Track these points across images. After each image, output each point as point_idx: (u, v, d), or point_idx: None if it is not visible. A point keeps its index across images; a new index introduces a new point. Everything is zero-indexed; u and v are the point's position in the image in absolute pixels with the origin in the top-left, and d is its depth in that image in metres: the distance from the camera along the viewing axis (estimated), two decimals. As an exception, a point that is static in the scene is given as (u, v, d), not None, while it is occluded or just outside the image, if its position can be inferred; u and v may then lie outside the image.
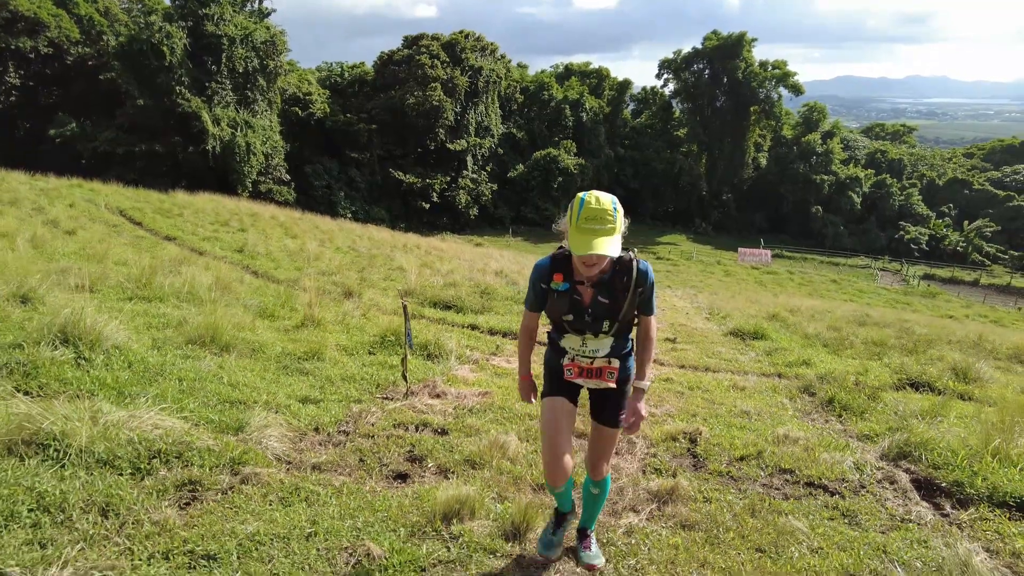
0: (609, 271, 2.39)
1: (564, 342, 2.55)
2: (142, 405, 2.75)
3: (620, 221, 2.26)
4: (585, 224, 2.19)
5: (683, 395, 4.70)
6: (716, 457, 3.23)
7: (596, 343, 2.48)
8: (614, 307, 2.40)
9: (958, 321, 23.98)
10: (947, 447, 3.17)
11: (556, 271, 2.43)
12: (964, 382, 5.57)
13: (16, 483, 2.15)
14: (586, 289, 2.41)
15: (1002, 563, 2.32)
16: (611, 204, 2.24)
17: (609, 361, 2.49)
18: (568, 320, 2.45)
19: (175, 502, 2.34)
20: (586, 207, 2.20)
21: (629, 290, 2.37)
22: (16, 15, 41.53)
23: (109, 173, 33.63)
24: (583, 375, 2.51)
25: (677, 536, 2.46)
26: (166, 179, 36.34)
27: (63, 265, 7.39)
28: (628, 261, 2.41)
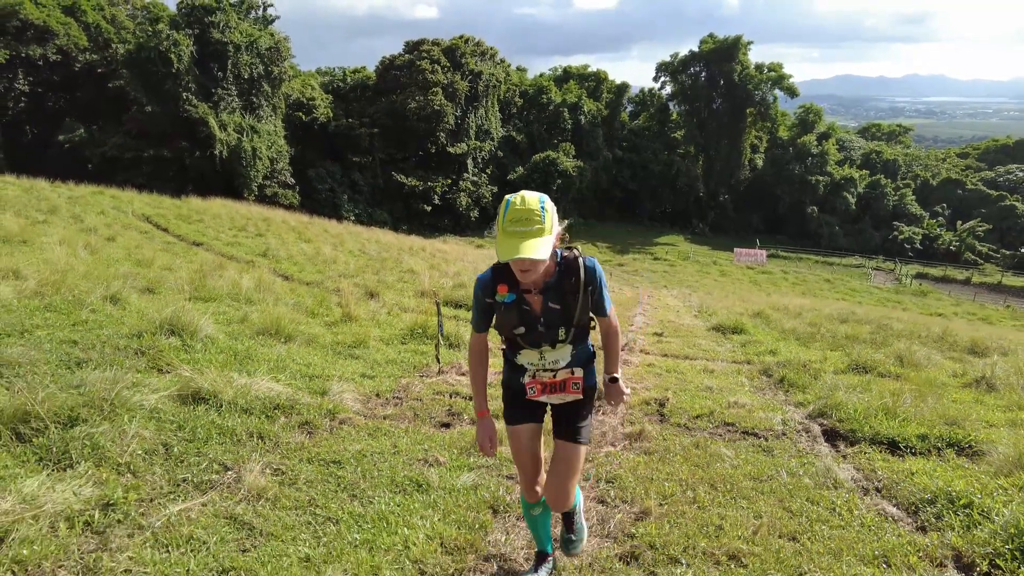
0: (555, 274, 2.22)
1: (521, 358, 2.37)
2: (254, 376, 3.77)
3: (550, 221, 2.08)
4: (511, 227, 2.03)
5: (660, 376, 5.70)
6: (677, 415, 4.21)
7: (555, 354, 2.31)
8: (567, 312, 2.23)
9: (946, 319, 24.83)
10: (852, 407, 4.15)
11: (499, 282, 2.24)
12: (902, 366, 6.56)
13: (203, 420, 3.17)
14: (534, 297, 2.22)
15: (862, 476, 3.31)
16: (538, 203, 2.07)
17: (572, 371, 2.34)
18: (520, 334, 2.27)
19: (302, 434, 3.35)
20: (511, 209, 2.05)
21: (579, 291, 2.21)
22: (26, 23, 42.41)
23: (116, 178, 34.49)
24: (547, 391, 2.35)
25: (640, 457, 3.44)
26: (172, 183, 37.19)
27: (123, 270, 8.39)
28: (573, 260, 2.24)
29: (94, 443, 2.60)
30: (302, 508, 2.54)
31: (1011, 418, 4.39)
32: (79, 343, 4.42)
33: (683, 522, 2.66)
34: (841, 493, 3.03)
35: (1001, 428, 3.97)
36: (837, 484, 3.13)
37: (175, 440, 2.88)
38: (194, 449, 2.86)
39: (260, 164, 44.15)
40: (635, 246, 50.02)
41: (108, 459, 2.56)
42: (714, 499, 2.91)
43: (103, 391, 2.94)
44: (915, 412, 4.11)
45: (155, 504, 2.39)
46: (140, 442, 2.70)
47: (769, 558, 2.38)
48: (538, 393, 2.36)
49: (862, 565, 2.36)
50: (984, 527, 2.54)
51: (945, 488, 2.91)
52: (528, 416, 2.43)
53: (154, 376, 3.74)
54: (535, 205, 2.07)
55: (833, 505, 2.89)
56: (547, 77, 63.62)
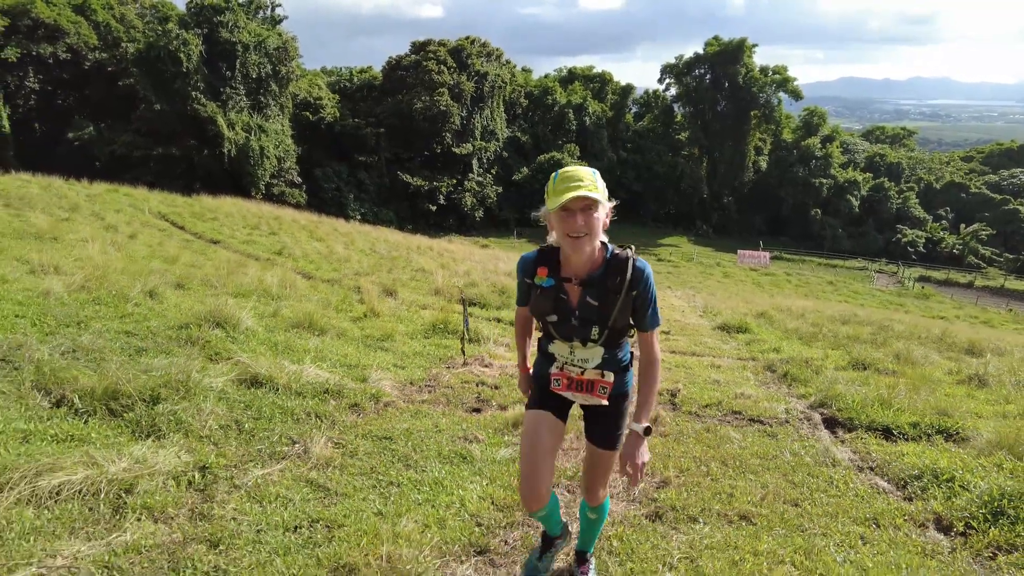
0: (601, 267, 2.12)
1: (552, 348, 2.29)
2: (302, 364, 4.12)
3: (604, 189, 2.03)
4: (562, 184, 2.00)
5: (670, 370, 6.03)
6: (688, 404, 4.54)
7: (585, 352, 2.21)
8: (604, 311, 2.11)
9: (948, 321, 25.06)
10: (851, 399, 4.47)
11: (541, 264, 2.19)
12: (900, 364, 6.88)
13: (265, 401, 3.52)
14: (573, 288, 2.14)
15: (858, 457, 3.64)
16: (590, 172, 2.04)
17: (602, 374, 2.22)
18: (552, 322, 2.20)
19: (352, 414, 3.69)
20: (561, 174, 2.04)
21: (621, 292, 2.08)
22: (37, 22, 42.86)
23: (125, 175, 34.89)
24: (572, 387, 2.25)
25: (657, 439, 3.77)
26: (180, 181, 37.57)
27: (153, 267, 8.76)
28: (624, 259, 2.12)
29: (178, 418, 2.95)
30: (365, 474, 2.89)
31: (998, 410, 4.71)
32: (133, 333, 4.77)
33: (699, 490, 3.00)
34: (838, 470, 3.37)
35: (988, 419, 4.30)
36: (835, 463, 3.47)
37: (244, 418, 3.24)
38: (262, 425, 3.22)
39: (268, 163, 44.58)
40: (639, 247, 49.51)
41: (192, 432, 2.90)
42: (725, 473, 3.25)
43: (178, 374, 3.28)
44: (909, 403, 4.44)
45: (240, 469, 2.74)
46: (216, 418, 3.05)
47: (775, 518, 2.72)
48: (563, 387, 2.27)
49: (855, 525, 2.70)
50: (963, 496, 2.87)
51: (931, 466, 3.24)
52: (550, 405, 2.31)
53: (208, 363, 4.09)
54: (587, 172, 2.02)
55: (831, 479, 3.23)
56: (552, 78, 63.96)
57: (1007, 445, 3.41)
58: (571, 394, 2.29)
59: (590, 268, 2.13)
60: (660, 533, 2.62)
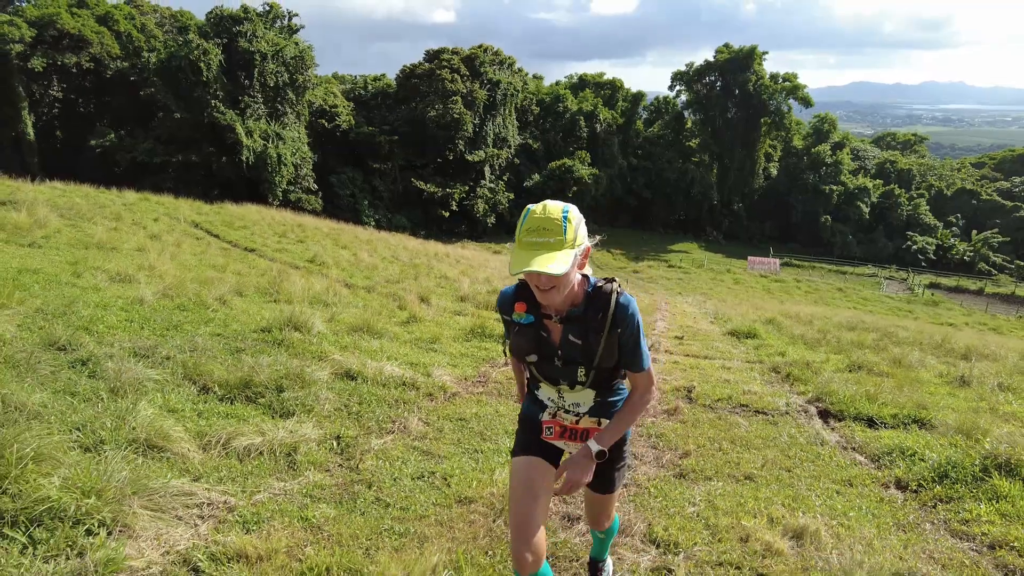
0: (582, 303, 1.99)
1: (541, 392, 2.18)
2: (379, 362, 4.92)
3: (573, 234, 1.85)
4: (527, 237, 1.84)
5: (685, 371, 6.78)
6: (702, 399, 5.28)
7: (574, 396, 2.10)
8: (588, 350, 1.98)
9: (956, 328, 25.54)
10: (843, 394, 5.22)
11: (519, 299, 2.04)
12: (895, 367, 7.59)
13: (361, 390, 4.33)
14: (555, 325, 2.01)
15: (843, 439, 4.38)
16: (560, 212, 1.86)
17: (599, 422, 2.11)
18: (534, 363, 2.08)
19: (429, 401, 4.49)
20: (529, 217, 1.86)
21: (604, 330, 1.96)
22: (63, 33, 44.11)
23: (145, 182, 35.80)
24: (566, 436, 2.14)
25: (677, 424, 4.52)
26: (199, 188, 38.54)
27: (208, 275, 9.60)
28: (606, 293, 1.98)
29: (302, 403, 3.74)
30: (455, 444, 3.67)
31: (972, 406, 5.43)
32: (223, 335, 5.58)
33: (713, 459, 3.75)
34: (826, 448, 4.11)
35: (962, 412, 5.02)
36: (824, 443, 4.22)
37: (351, 402, 4.03)
38: (366, 408, 4.00)
39: (285, 170, 45.63)
40: (649, 253, 51.00)
41: (314, 412, 3.69)
42: (733, 448, 4.01)
43: (294, 369, 4.08)
44: (892, 399, 5.17)
45: (363, 439, 3.52)
46: (330, 403, 3.84)
47: (771, 479, 3.47)
48: (556, 436, 2.14)
49: (833, 484, 3.45)
50: (920, 465, 3.62)
51: (900, 445, 3.98)
52: (538, 450, 2.16)
53: (313, 361, 4.89)
54: (556, 214, 1.84)
55: (819, 454, 3.98)
56: (563, 85, 64.84)
57: (964, 430, 4.15)
58: (564, 443, 2.16)
59: (571, 303, 1.99)
60: (684, 486, 3.39)
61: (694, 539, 2.79)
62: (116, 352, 4.03)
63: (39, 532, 2.04)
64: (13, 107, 43.37)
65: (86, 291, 6.78)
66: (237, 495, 2.70)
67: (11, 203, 13.40)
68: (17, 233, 10.04)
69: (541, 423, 2.18)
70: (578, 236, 1.88)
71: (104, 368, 3.68)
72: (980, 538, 2.87)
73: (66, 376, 3.52)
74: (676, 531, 2.81)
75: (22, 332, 4.32)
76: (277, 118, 46.89)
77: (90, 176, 29.45)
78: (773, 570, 2.54)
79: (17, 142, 43.75)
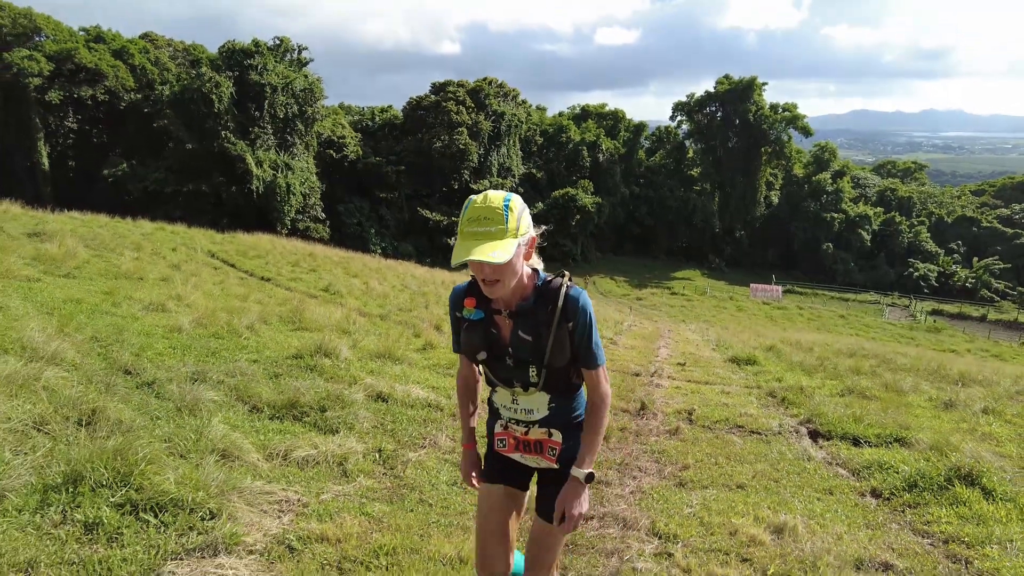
0: (531, 297, 1.94)
1: (496, 398, 2.14)
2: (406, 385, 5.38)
3: (516, 223, 1.81)
4: (467, 227, 1.80)
5: (687, 395, 7.21)
6: (702, 420, 5.71)
7: (528, 400, 2.03)
8: (538, 347, 1.93)
9: (958, 355, 25.78)
10: (832, 416, 5.65)
11: (470, 295, 2.00)
12: (886, 391, 8.01)
13: (393, 410, 4.79)
14: (504, 321, 1.97)
15: (830, 456, 4.81)
16: (501, 202, 1.81)
17: (549, 432, 2.04)
18: (485, 361, 2.02)
19: (452, 420, 4.93)
20: (470, 207, 1.82)
21: (553, 324, 1.91)
22: (79, 67, 45.45)
23: (156, 211, 36.56)
24: (520, 448, 2.08)
25: (678, 442, 4.96)
26: (208, 216, 39.23)
27: (233, 305, 10.10)
28: (555, 287, 1.94)
29: (344, 421, 4.19)
30: (481, 459, 4.13)
31: (953, 427, 5.85)
32: (258, 361, 6.05)
33: (709, 472, 4.19)
34: (812, 463, 4.54)
35: (939, 432, 5.44)
36: (810, 459, 4.65)
37: (385, 421, 4.48)
38: (399, 426, 4.46)
39: (294, 199, 46.51)
40: (652, 280, 51.50)
41: (355, 429, 4.15)
42: (728, 463, 4.44)
43: (334, 391, 4.55)
44: (877, 420, 5.60)
45: (400, 452, 3.97)
46: (368, 421, 4.29)
47: (760, 487, 3.90)
48: (510, 448, 2.10)
49: (815, 492, 3.88)
50: (894, 477, 4.05)
51: (879, 460, 4.41)
52: (505, 475, 2.13)
53: (331, 384, 5.36)
54: (498, 203, 1.80)
55: (804, 468, 4.41)
56: (566, 116, 66.09)
57: (937, 447, 4.57)
58: (520, 456, 2.11)
59: (520, 297, 1.95)
60: (683, 492, 3.82)
61: (690, 532, 3.23)
62: (174, 376, 4.50)
63: (165, 517, 2.50)
64: (29, 138, 44.53)
65: (127, 319, 7.28)
66: (307, 495, 3.15)
67: (41, 234, 13.96)
68: (53, 264, 10.57)
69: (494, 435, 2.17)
70: (521, 225, 1.84)
71: (168, 390, 4.15)
72: (938, 535, 3.29)
73: (138, 397, 3.99)
74: (675, 526, 3.25)
75: (87, 358, 4.80)
76: (286, 148, 47.93)
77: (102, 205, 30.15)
78: (755, 555, 2.99)
79: (32, 171, 44.81)
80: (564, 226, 54.31)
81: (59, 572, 2.10)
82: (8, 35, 42.99)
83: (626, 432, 5.24)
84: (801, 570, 2.82)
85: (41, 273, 9.59)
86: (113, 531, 2.36)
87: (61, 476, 2.53)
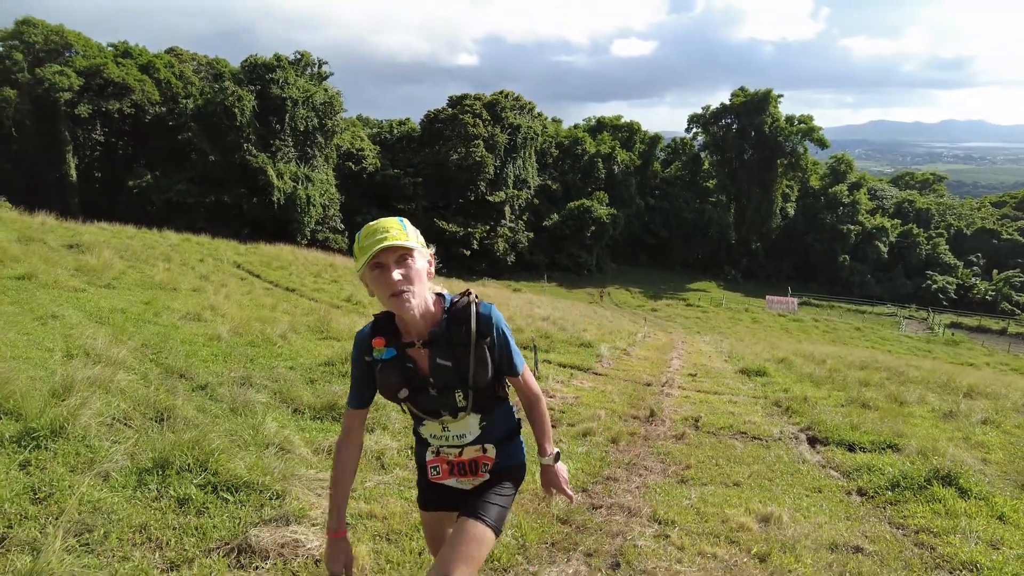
0: (442, 322, 1.88)
1: (424, 430, 2.06)
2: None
3: (416, 237, 1.83)
4: (367, 240, 1.77)
5: (695, 404, 7.58)
6: (707, 427, 6.08)
7: (459, 426, 1.98)
8: (460, 370, 1.89)
9: (976, 368, 25.70)
10: (830, 423, 5.99)
11: (376, 335, 1.92)
12: (890, 402, 8.31)
13: None
14: (419, 352, 1.90)
15: (824, 460, 5.16)
16: (396, 220, 1.83)
17: (483, 448, 2.01)
18: (404, 398, 1.95)
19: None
20: (364, 229, 1.81)
21: (471, 344, 1.87)
22: (108, 81, 46.82)
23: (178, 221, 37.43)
24: (455, 472, 2.03)
25: (683, 446, 5.34)
26: (229, 227, 40.09)
27: (263, 315, 10.62)
28: (464, 306, 1.90)
29: (378, 422, 4.63)
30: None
31: (949, 436, 6.16)
32: (294, 368, 6.53)
33: (709, 471, 4.57)
34: (807, 465, 4.91)
35: (930, 439, 5.77)
36: (805, 461, 5.02)
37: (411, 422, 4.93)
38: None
39: (313, 210, 47.39)
40: (667, 292, 51.65)
41: (388, 429, 4.59)
42: (728, 464, 4.82)
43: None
44: (874, 428, 5.94)
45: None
46: (399, 422, 4.73)
47: (755, 485, 4.27)
48: (444, 475, 2.05)
49: (805, 490, 4.25)
50: (880, 478, 4.41)
51: (869, 463, 4.77)
52: (442, 501, 2.12)
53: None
54: (393, 222, 1.81)
55: (798, 469, 4.78)
56: (581, 128, 66.66)
57: (924, 452, 4.91)
58: (456, 480, 2.06)
59: (431, 324, 1.89)
60: (684, 488, 4.22)
61: (687, 519, 3.62)
62: (223, 380, 4.97)
63: (241, 496, 2.95)
64: (59, 150, 45.89)
65: (168, 328, 7.80)
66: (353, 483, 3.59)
67: (79, 246, 14.63)
68: (94, 275, 11.17)
69: (426, 464, 2.08)
70: (420, 239, 1.86)
71: (220, 393, 4.62)
72: (910, 527, 3.63)
73: (197, 398, 4.46)
74: (674, 514, 3.63)
75: (143, 364, 5.30)
76: (306, 161, 48.88)
77: (126, 215, 31.03)
78: (742, 538, 3.38)
79: (60, 183, 46.10)
80: (579, 237, 54.78)
81: (165, 533, 2.56)
82: (41, 51, 44.45)
83: (635, 437, 5.63)
84: (781, 551, 3.19)
85: (85, 284, 10.18)
86: (200, 505, 2.82)
87: (151, 461, 2.99)
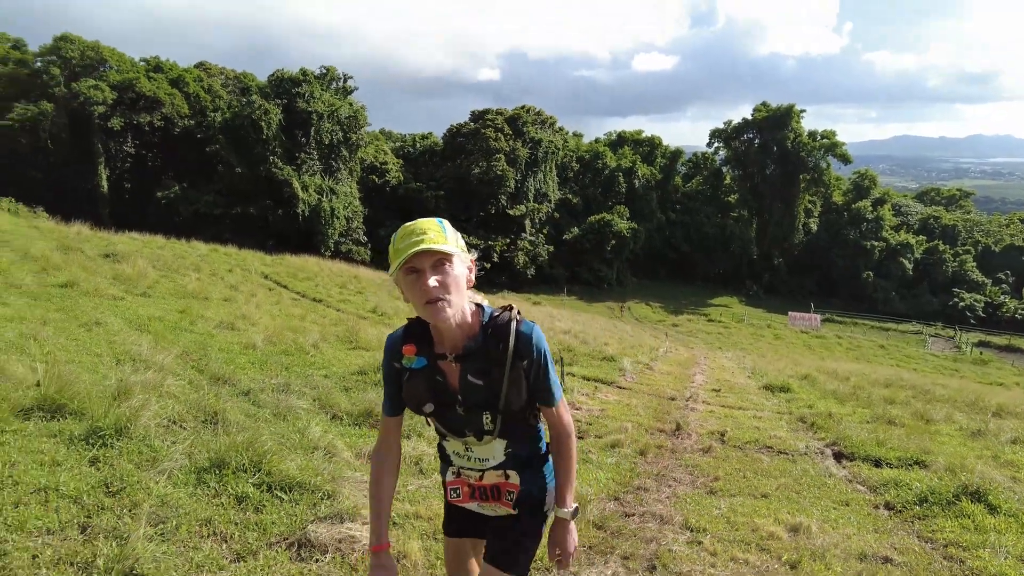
0: (478, 335, 1.76)
1: (447, 446, 1.97)
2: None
3: (455, 239, 1.71)
4: (402, 243, 1.64)
5: (720, 419, 7.63)
6: (733, 441, 6.14)
7: (482, 449, 1.87)
8: (492, 390, 1.76)
9: (1006, 388, 25.27)
10: (855, 439, 6.02)
11: (407, 341, 1.81)
12: (916, 420, 8.29)
13: None
14: (451, 366, 1.78)
15: (851, 475, 5.20)
16: (435, 221, 1.69)
17: (506, 475, 1.88)
18: (432, 414, 1.85)
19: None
20: (401, 230, 1.68)
21: (506, 363, 1.74)
22: (139, 95, 48.11)
23: (205, 232, 38.17)
24: (476, 496, 1.93)
25: (710, 459, 5.41)
26: (255, 238, 40.73)
27: (293, 324, 10.86)
28: (505, 323, 1.77)
29: (414, 429, 4.79)
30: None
31: (977, 454, 6.16)
32: (329, 376, 6.72)
33: (737, 483, 4.65)
34: (833, 479, 4.96)
35: (957, 457, 5.78)
36: (831, 476, 5.07)
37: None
38: (459, 435, 5.05)
39: (337, 223, 48.06)
40: (688, 306, 51.39)
41: (424, 436, 4.74)
42: (755, 476, 4.89)
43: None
44: (900, 444, 5.96)
45: (462, 457, 4.56)
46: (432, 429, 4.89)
47: (783, 497, 4.35)
48: (464, 498, 1.95)
49: (832, 503, 4.31)
50: (907, 493, 4.46)
51: (896, 478, 4.81)
52: (465, 526, 2.04)
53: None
54: (431, 223, 1.69)
55: (825, 483, 4.83)
56: (602, 142, 66.85)
57: (952, 468, 4.94)
58: (477, 505, 1.96)
59: (466, 337, 1.78)
60: (713, 499, 4.31)
61: (718, 527, 3.72)
62: (264, 387, 5.17)
63: (294, 495, 3.11)
64: (91, 162, 47.17)
65: (205, 336, 8.06)
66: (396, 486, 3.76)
67: (114, 255, 15.08)
68: (130, 284, 11.53)
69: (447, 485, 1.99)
70: (460, 243, 1.73)
71: (262, 399, 4.82)
72: (939, 541, 3.69)
73: (241, 403, 4.65)
74: (705, 523, 3.74)
75: (186, 370, 5.52)
76: (331, 174, 49.64)
77: (155, 226, 31.74)
78: (772, 546, 3.47)
79: (91, 193, 47.29)
80: (599, 251, 54.81)
81: (229, 528, 2.73)
82: (77, 66, 45.85)
83: (663, 449, 5.71)
84: (811, 559, 3.28)
85: (123, 292, 10.51)
86: (257, 503, 2.99)
87: (208, 461, 3.17)
